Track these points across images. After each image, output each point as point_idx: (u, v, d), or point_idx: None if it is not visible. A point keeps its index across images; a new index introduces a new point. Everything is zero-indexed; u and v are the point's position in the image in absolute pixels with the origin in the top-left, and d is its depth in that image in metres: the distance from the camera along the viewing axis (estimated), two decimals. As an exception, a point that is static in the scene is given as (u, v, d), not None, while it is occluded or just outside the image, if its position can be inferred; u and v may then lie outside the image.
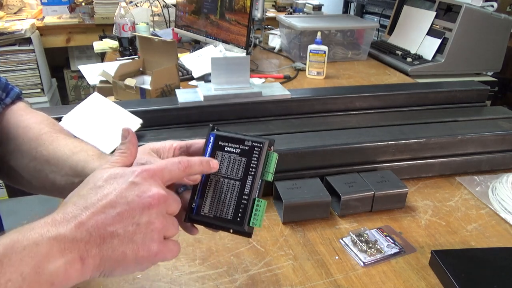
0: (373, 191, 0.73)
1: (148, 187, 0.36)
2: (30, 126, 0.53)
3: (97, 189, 0.35)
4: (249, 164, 0.44)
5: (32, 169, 0.50)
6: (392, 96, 1.05)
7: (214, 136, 0.46)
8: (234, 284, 0.58)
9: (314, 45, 1.44)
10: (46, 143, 0.51)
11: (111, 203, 0.34)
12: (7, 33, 2.35)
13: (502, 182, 0.79)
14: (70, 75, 2.98)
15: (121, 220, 0.34)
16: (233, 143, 0.45)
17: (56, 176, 0.49)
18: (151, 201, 0.35)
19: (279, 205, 0.73)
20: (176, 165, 0.39)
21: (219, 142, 0.45)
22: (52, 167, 0.49)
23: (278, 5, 3.01)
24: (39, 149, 0.50)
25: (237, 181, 0.44)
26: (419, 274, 0.60)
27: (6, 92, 0.55)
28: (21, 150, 0.51)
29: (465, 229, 0.70)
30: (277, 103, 0.99)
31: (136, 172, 0.36)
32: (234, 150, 0.45)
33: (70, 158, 0.49)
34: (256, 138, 0.45)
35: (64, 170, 0.48)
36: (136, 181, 0.36)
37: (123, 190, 0.35)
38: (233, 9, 1.55)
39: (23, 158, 0.51)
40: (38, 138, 0.51)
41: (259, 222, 0.43)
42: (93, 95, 0.92)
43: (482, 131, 0.87)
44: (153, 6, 2.14)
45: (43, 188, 0.50)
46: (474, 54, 1.53)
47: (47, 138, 0.52)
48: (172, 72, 1.16)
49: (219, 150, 0.45)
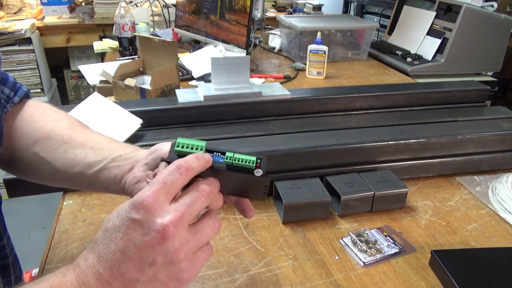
0: (373, 191, 0.73)
1: (151, 221, 0.33)
2: (61, 119, 0.55)
3: (109, 236, 0.34)
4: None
5: (61, 152, 0.51)
6: (392, 96, 1.05)
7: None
8: (234, 284, 0.58)
9: (314, 45, 1.44)
10: (82, 132, 0.53)
11: (120, 250, 0.33)
12: (7, 33, 2.35)
13: (502, 182, 0.79)
14: (70, 75, 2.98)
15: (135, 265, 0.32)
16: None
17: (88, 155, 0.50)
18: (159, 236, 0.33)
19: (279, 205, 0.73)
20: (177, 173, 0.35)
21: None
22: (86, 149, 0.51)
23: (278, 5, 3.01)
24: (73, 135, 0.52)
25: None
26: (419, 274, 0.60)
27: (14, 91, 0.55)
28: (50, 137, 0.52)
29: (465, 229, 0.70)
30: (277, 103, 0.99)
31: (132, 210, 0.33)
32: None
33: (110, 142, 0.52)
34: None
35: (101, 150, 0.50)
36: (136, 218, 0.33)
37: (129, 232, 0.33)
38: (233, 9, 1.55)
39: (51, 143, 0.52)
40: (71, 128, 0.53)
41: (181, 140, 0.40)
42: (93, 95, 0.92)
43: (482, 131, 0.87)
44: (153, 6, 2.14)
45: (65, 170, 0.51)
46: (474, 54, 1.53)
47: (82, 129, 0.54)
48: (172, 72, 1.16)
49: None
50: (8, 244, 0.58)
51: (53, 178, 0.53)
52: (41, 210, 2.20)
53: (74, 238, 0.66)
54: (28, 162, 0.53)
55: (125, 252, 0.32)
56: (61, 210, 0.73)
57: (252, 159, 0.40)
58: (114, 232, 0.33)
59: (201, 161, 0.37)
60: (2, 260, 0.57)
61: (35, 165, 0.53)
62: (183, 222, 0.34)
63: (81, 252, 0.35)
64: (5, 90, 0.54)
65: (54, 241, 0.65)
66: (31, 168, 0.53)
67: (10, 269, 0.58)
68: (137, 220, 0.33)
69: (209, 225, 0.37)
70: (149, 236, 0.32)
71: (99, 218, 0.71)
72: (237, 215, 0.72)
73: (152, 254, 0.33)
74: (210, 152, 0.40)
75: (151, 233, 0.32)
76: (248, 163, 0.40)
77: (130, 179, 0.47)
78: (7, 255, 0.57)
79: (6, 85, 0.55)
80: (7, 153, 0.54)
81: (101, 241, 0.33)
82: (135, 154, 0.49)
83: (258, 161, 0.40)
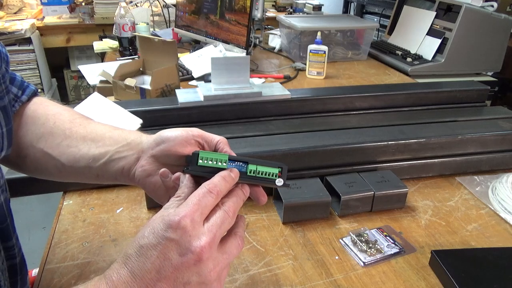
0: (373, 191, 0.73)
1: (188, 242, 0.34)
2: (61, 112, 0.55)
3: (144, 253, 0.34)
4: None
5: (65, 146, 0.51)
6: (392, 96, 1.05)
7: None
8: (234, 284, 0.58)
9: (314, 45, 1.44)
10: (83, 124, 0.53)
11: (156, 268, 0.33)
12: (7, 33, 2.35)
13: (502, 182, 0.79)
14: (70, 75, 2.98)
15: (170, 284, 0.33)
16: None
17: (91, 148, 0.50)
18: (195, 257, 0.34)
19: (279, 205, 0.73)
20: (209, 196, 0.37)
21: None
22: (88, 142, 0.51)
23: (278, 5, 3.01)
24: (74, 129, 0.52)
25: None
26: (419, 274, 0.60)
27: (22, 90, 0.56)
28: (53, 132, 0.52)
29: (465, 229, 0.70)
30: (277, 103, 0.99)
31: (169, 229, 0.34)
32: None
33: (110, 132, 0.51)
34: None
35: (103, 142, 0.50)
36: (173, 237, 0.34)
37: (165, 251, 0.34)
38: (233, 9, 1.55)
39: (54, 139, 0.52)
40: (72, 122, 0.53)
41: (204, 153, 0.41)
42: (93, 95, 0.92)
43: (482, 131, 0.87)
44: (153, 6, 2.14)
45: (71, 165, 0.51)
46: (474, 54, 1.53)
47: (83, 121, 0.54)
48: (172, 72, 1.16)
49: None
50: (16, 244, 0.58)
51: (61, 173, 0.53)
52: (41, 210, 2.20)
53: (74, 238, 0.66)
54: (34, 159, 0.53)
55: (160, 271, 0.33)
56: (61, 210, 0.73)
57: (275, 171, 0.42)
58: (150, 250, 0.34)
59: (228, 182, 0.39)
60: (10, 260, 0.57)
61: (41, 162, 0.53)
62: (215, 243, 0.36)
63: (112, 265, 0.35)
64: (13, 89, 0.54)
65: (54, 241, 0.65)
66: (37, 165, 0.53)
67: (17, 269, 0.58)
68: (174, 240, 0.34)
69: (235, 244, 0.38)
70: (186, 257, 0.33)
71: (99, 218, 0.71)
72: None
73: (188, 274, 0.34)
74: (232, 161, 0.42)
75: (188, 254, 0.33)
76: (271, 176, 0.42)
77: (139, 172, 0.47)
78: (15, 255, 0.57)
79: (14, 84, 0.55)
80: (15, 150, 0.54)
81: (135, 257, 0.34)
82: (139, 143, 0.49)
83: (279, 169, 0.42)
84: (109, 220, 0.71)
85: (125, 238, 0.67)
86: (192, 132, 0.46)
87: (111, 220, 0.71)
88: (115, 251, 0.64)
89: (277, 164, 0.43)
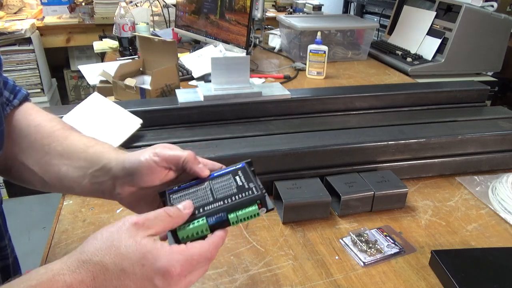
0: (373, 191, 0.73)
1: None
2: (42, 124, 0.54)
3: (124, 277, 0.36)
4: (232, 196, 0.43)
5: (45, 164, 0.51)
6: (392, 96, 1.05)
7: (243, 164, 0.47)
8: (234, 284, 0.58)
9: (314, 45, 1.44)
10: (60, 139, 0.52)
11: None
12: (7, 33, 2.35)
13: (502, 182, 0.79)
14: (70, 75, 2.98)
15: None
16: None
17: (69, 169, 0.49)
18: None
19: (279, 205, 0.73)
20: (202, 262, 0.39)
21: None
22: (65, 161, 0.50)
23: (278, 5, 3.01)
24: (53, 145, 0.51)
25: (210, 197, 0.43)
26: (419, 274, 0.60)
27: (14, 94, 0.55)
28: (33, 147, 0.52)
29: (465, 229, 0.70)
30: (277, 103, 0.99)
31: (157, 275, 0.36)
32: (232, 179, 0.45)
33: (85, 152, 0.50)
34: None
35: (79, 163, 0.49)
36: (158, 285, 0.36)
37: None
38: (233, 9, 1.55)
39: (36, 154, 0.51)
40: (50, 135, 0.52)
41: (183, 233, 0.41)
42: (93, 95, 0.92)
43: (482, 131, 0.87)
44: (153, 6, 2.14)
45: (55, 183, 0.51)
46: (474, 54, 1.53)
47: (60, 134, 0.53)
48: (172, 72, 1.16)
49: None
50: (9, 245, 0.58)
51: (46, 188, 0.53)
52: (41, 210, 2.20)
53: (74, 238, 0.66)
54: (19, 172, 0.53)
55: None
56: (61, 210, 0.73)
57: (254, 210, 0.41)
58: (130, 279, 0.35)
59: (216, 249, 0.40)
60: (3, 261, 0.57)
61: (26, 176, 0.52)
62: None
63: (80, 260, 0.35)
64: (4, 93, 0.54)
65: (54, 241, 0.65)
66: (22, 177, 0.53)
67: (10, 270, 0.58)
68: (158, 286, 0.36)
69: (201, 273, 0.40)
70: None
71: (99, 218, 0.71)
72: (237, 215, 0.72)
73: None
74: (211, 216, 0.41)
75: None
76: (253, 216, 0.42)
77: (119, 198, 0.47)
78: (7, 256, 0.57)
79: (6, 88, 0.55)
80: (2, 159, 0.53)
81: (114, 276, 0.35)
82: (109, 169, 0.48)
83: (258, 202, 0.42)
84: (109, 220, 0.71)
85: (125, 238, 0.66)
86: (154, 159, 0.45)
87: (111, 220, 0.71)
88: (115, 251, 0.64)
89: (255, 196, 0.42)
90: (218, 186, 0.44)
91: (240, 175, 0.45)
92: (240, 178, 0.45)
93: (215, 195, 0.43)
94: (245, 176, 0.45)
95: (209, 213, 0.41)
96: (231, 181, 0.45)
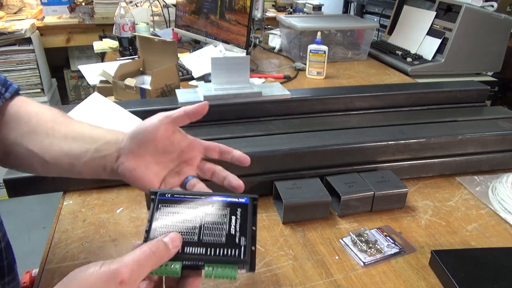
0: (373, 191, 0.73)
1: None
2: (43, 111, 0.55)
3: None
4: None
5: (47, 145, 0.52)
6: (392, 96, 1.05)
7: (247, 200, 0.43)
8: (234, 284, 0.58)
9: (314, 45, 1.44)
10: (63, 124, 0.53)
11: None
12: (7, 33, 2.35)
13: (502, 182, 0.79)
14: (70, 75, 2.98)
15: None
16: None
17: (73, 145, 0.51)
18: None
19: (279, 205, 0.73)
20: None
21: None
22: (69, 140, 0.51)
23: (278, 5, 3.01)
24: (56, 127, 0.53)
25: (195, 237, 0.39)
26: (419, 274, 0.60)
27: (5, 87, 0.56)
28: (35, 131, 0.53)
29: (465, 229, 0.70)
30: (277, 103, 0.99)
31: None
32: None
33: (90, 132, 0.52)
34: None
35: (83, 140, 0.51)
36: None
37: None
38: (233, 9, 1.55)
39: (37, 137, 0.52)
40: (54, 120, 0.54)
41: (154, 271, 0.37)
42: (93, 95, 0.92)
43: (482, 131, 0.87)
44: (153, 6, 2.14)
45: (55, 162, 0.51)
46: (474, 54, 1.53)
47: (63, 120, 0.54)
48: (172, 72, 1.16)
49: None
50: (0, 229, 0.58)
51: (45, 170, 0.53)
52: (41, 210, 2.20)
53: (74, 238, 0.66)
54: (18, 156, 0.54)
55: None
56: (61, 210, 0.73)
57: (233, 273, 0.38)
58: None
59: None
60: None
61: (25, 159, 0.53)
62: None
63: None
64: None
65: (54, 241, 0.65)
66: (21, 161, 0.54)
67: (3, 254, 0.59)
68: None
69: None
70: None
71: (99, 218, 0.71)
72: (237, 215, 0.72)
73: None
74: (188, 264, 0.38)
75: None
76: (229, 277, 0.38)
77: (121, 169, 0.48)
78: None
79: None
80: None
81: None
82: (116, 141, 0.50)
83: (240, 265, 0.38)
84: (109, 220, 0.71)
85: (125, 238, 0.67)
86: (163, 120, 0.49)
87: (111, 220, 0.71)
88: (115, 251, 0.64)
89: (239, 259, 0.38)
90: (209, 223, 0.40)
91: (238, 216, 0.41)
92: (236, 221, 0.40)
93: (201, 236, 0.39)
94: (243, 219, 0.41)
95: (187, 258, 0.38)
96: (225, 222, 0.40)
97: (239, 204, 0.42)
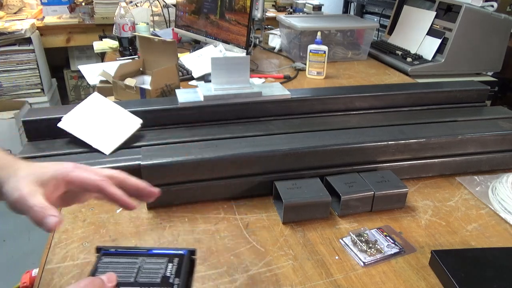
0: (373, 191, 0.73)
1: None
2: None
3: None
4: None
5: None
6: (392, 96, 1.05)
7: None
8: (234, 284, 0.58)
9: (314, 45, 1.44)
10: None
11: None
12: (7, 33, 2.35)
13: (502, 182, 0.79)
14: (70, 75, 2.98)
15: None
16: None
17: None
18: None
19: (279, 205, 0.73)
20: None
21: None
22: None
23: (278, 5, 3.01)
24: None
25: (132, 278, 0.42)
26: (419, 274, 0.60)
27: None
28: None
29: (465, 229, 0.70)
30: (277, 103, 0.99)
31: None
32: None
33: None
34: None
35: None
36: None
37: None
38: (233, 9, 1.55)
39: None
40: None
41: None
42: (93, 95, 0.92)
43: (482, 131, 0.87)
44: (153, 6, 2.14)
45: None
46: (474, 54, 1.53)
47: None
48: (172, 72, 1.16)
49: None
50: None
51: None
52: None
53: (74, 238, 0.66)
54: None
55: None
56: (61, 210, 0.73)
57: None
58: None
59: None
60: None
61: None
62: None
63: None
64: None
65: (54, 241, 0.65)
66: None
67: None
68: None
69: None
70: None
71: (99, 218, 0.71)
72: (237, 215, 0.72)
73: None
74: None
75: None
76: None
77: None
78: None
79: None
80: None
81: None
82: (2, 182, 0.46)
83: None
84: (109, 220, 0.71)
85: (125, 238, 0.67)
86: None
87: (111, 220, 0.71)
88: (115, 251, 0.64)
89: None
90: (148, 267, 0.43)
91: (174, 263, 0.44)
92: (172, 267, 0.43)
93: (137, 277, 0.42)
94: (178, 266, 0.43)
95: None
96: (162, 267, 0.43)
97: (176, 254, 0.45)
